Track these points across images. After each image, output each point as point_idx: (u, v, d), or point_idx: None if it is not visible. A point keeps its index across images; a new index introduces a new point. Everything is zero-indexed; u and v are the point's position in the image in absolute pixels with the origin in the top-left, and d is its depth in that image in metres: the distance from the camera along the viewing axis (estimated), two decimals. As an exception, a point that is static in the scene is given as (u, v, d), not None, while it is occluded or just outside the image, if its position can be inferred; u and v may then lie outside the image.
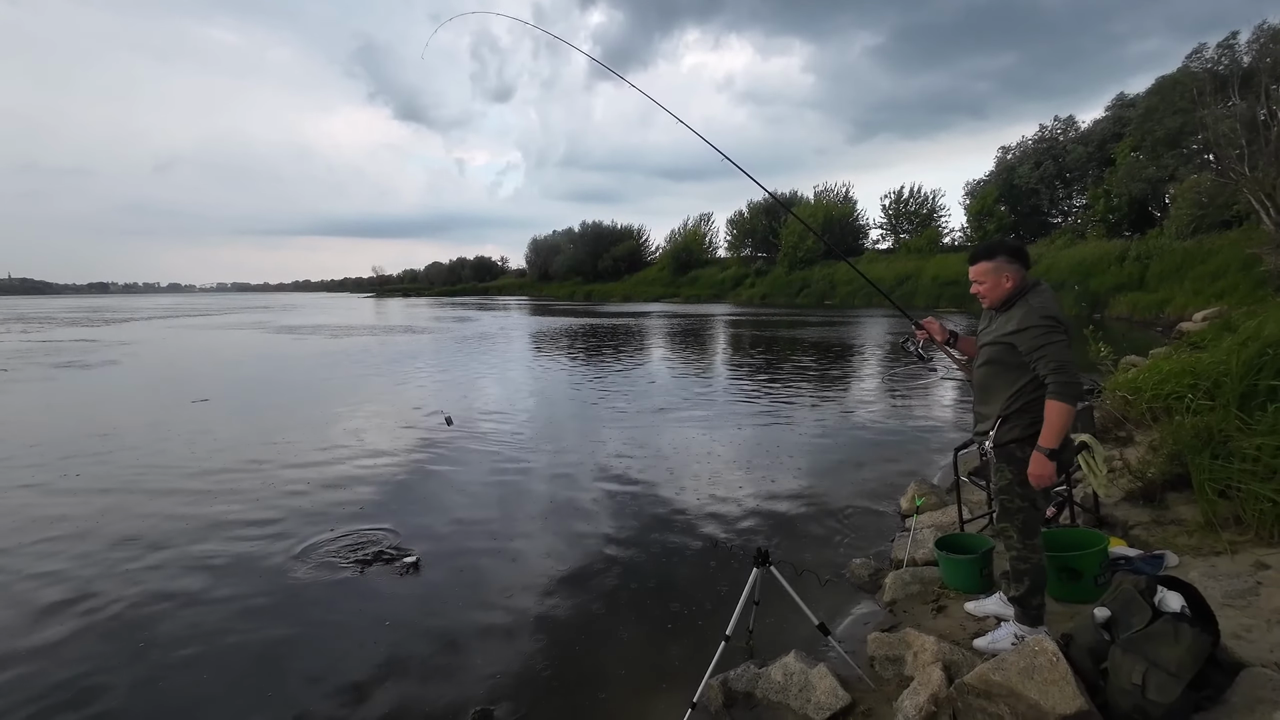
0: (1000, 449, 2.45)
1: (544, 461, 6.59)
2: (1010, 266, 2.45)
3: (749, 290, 48.92)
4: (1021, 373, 2.41)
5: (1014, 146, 38.58)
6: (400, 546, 4.38)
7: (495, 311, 40.49)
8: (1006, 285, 2.46)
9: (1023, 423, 2.42)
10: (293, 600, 3.73)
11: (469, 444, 7.33)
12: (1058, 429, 2.24)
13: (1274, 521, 2.79)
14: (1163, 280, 23.03)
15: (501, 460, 6.63)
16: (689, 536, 4.57)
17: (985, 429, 2.51)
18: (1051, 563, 2.88)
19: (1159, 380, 4.00)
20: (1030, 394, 2.41)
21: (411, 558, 4.16)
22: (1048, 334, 2.31)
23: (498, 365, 14.35)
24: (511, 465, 6.45)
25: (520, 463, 6.53)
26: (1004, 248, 2.50)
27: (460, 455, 6.91)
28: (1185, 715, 1.82)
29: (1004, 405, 2.44)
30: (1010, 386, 2.44)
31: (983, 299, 2.55)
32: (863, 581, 3.67)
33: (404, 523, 4.89)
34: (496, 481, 5.99)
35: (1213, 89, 20.31)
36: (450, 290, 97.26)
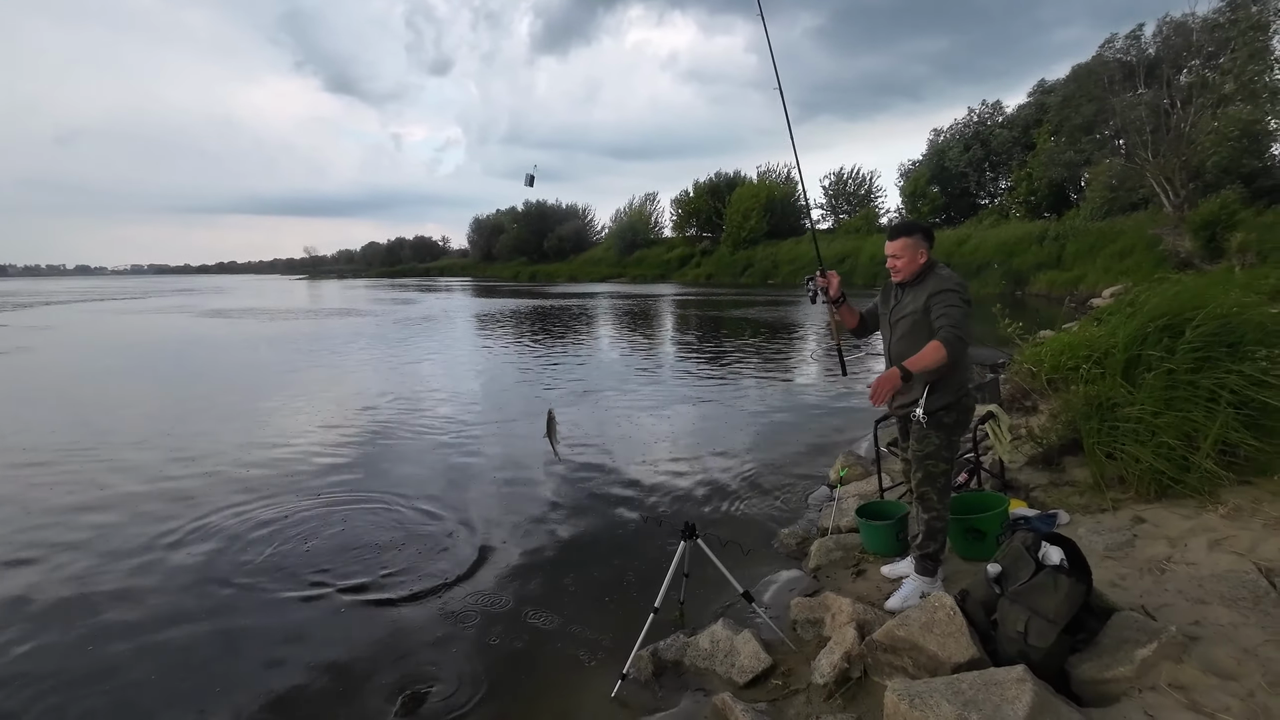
0: (931, 416, 2.60)
1: (488, 441, 6.58)
2: (924, 244, 2.67)
3: (695, 270, 49.30)
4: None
5: (945, 130, 39.99)
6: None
7: (438, 293, 39.45)
8: (920, 260, 2.65)
9: (950, 388, 2.58)
10: (225, 589, 3.64)
11: (414, 424, 7.25)
12: (926, 363, 2.41)
13: (1151, 480, 3.07)
14: (1078, 259, 24.50)
15: (445, 440, 6.59)
16: (629, 512, 4.66)
17: (912, 399, 2.64)
18: (959, 524, 3.09)
19: (1058, 353, 4.30)
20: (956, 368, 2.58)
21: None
22: (958, 298, 2.52)
23: (443, 348, 14.06)
24: (455, 445, 6.42)
25: (464, 443, 6.50)
26: (919, 227, 2.70)
27: (404, 436, 6.83)
28: (1062, 657, 2.00)
29: (927, 374, 2.58)
30: None
31: (897, 273, 2.71)
32: (791, 550, 3.84)
33: (345, 495, 4.86)
34: (438, 462, 5.95)
35: (1122, 78, 21.56)
36: (389, 271, 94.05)
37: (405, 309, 26.16)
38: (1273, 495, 2.84)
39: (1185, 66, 20.47)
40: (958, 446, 2.75)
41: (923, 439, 2.63)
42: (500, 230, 77.70)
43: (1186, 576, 2.42)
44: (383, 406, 8.11)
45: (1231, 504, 2.82)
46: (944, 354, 2.40)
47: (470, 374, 10.72)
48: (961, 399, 2.62)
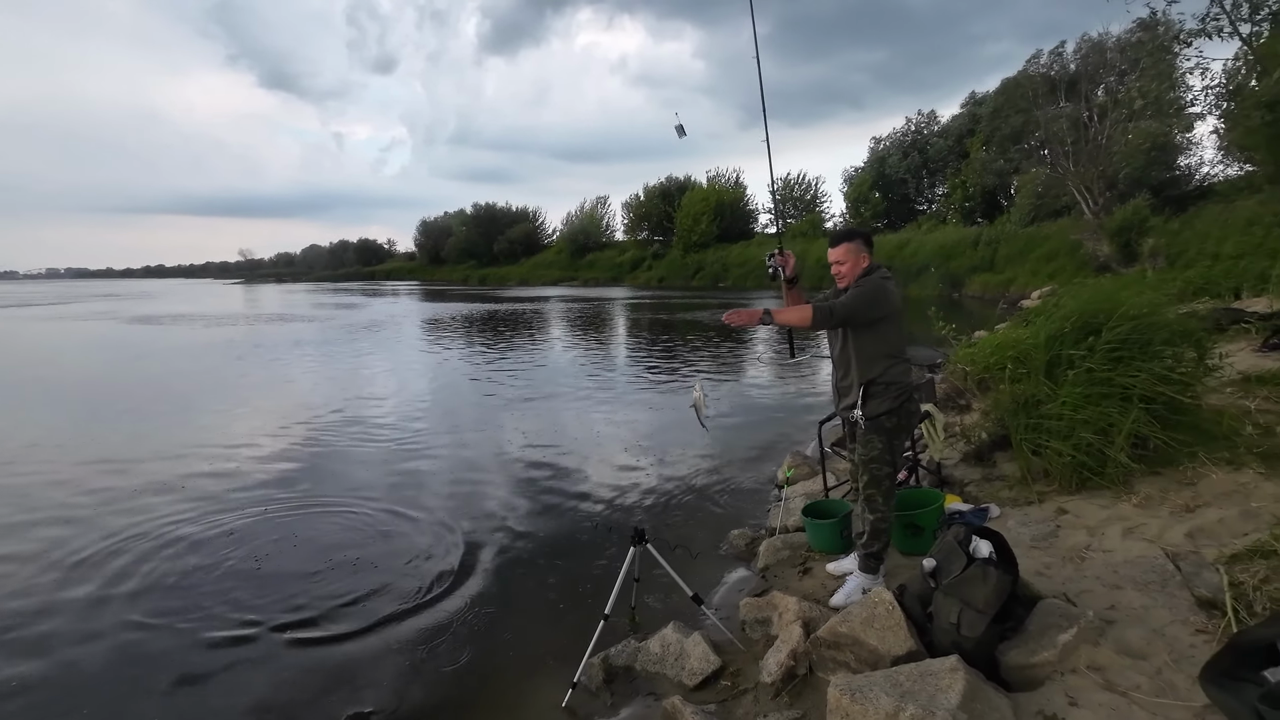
0: (872, 421, 2.67)
1: (441, 448, 6.48)
2: (865, 249, 2.75)
3: (646, 273, 49.53)
4: (871, 346, 2.66)
5: (885, 138, 41.43)
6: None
7: (384, 298, 38.37)
8: (862, 265, 2.75)
9: (890, 394, 2.66)
10: (170, 593, 3.51)
11: (362, 432, 7.07)
12: (787, 317, 2.61)
13: (1072, 473, 3.26)
14: (1009, 262, 25.78)
15: (395, 448, 6.45)
16: (582, 517, 4.64)
17: (851, 401, 2.73)
18: (898, 521, 3.20)
19: (988, 353, 4.51)
20: (884, 365, 2.67)
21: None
22: (864, 295, 2.63)
23: (391, 354, 13.72)
24: (404, 453, 6.29)
25: (414, 450, 6.38)
26: (859, 233, 2.79)
27: (351, 444, 6.66)
28: (992, 645, 2.10)
29: (861, 376, 2.67)
30: (863, 360, 2.68)
31: (841, 278, 2.78)
32: (740, 551, 3.90)
33: (286, 505, 4.68)
34: (388, 470, 5.83)
35: (1046, 92, 22.83)
36: (332, 275, 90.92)
37: (350, 314, 25.31)
38: (1178, 484, 3.06)
39: (1102, 82, 21.85)
40: (901, 449, 2.85)
41: (866, 443, 2.71)
42: (448, 233, 76.18)
43: (1103, 563, 2.58)
44: (327, 415, 7.86)
45: (1143, 494, 3.02)
46: (807, 317, 2.58)
47: (420, 380, 10.49)
48: (903, 404, 2.69)
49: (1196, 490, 2.97)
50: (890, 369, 2.69)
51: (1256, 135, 11.12)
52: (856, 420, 2.67)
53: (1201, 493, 2.95)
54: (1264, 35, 11.02)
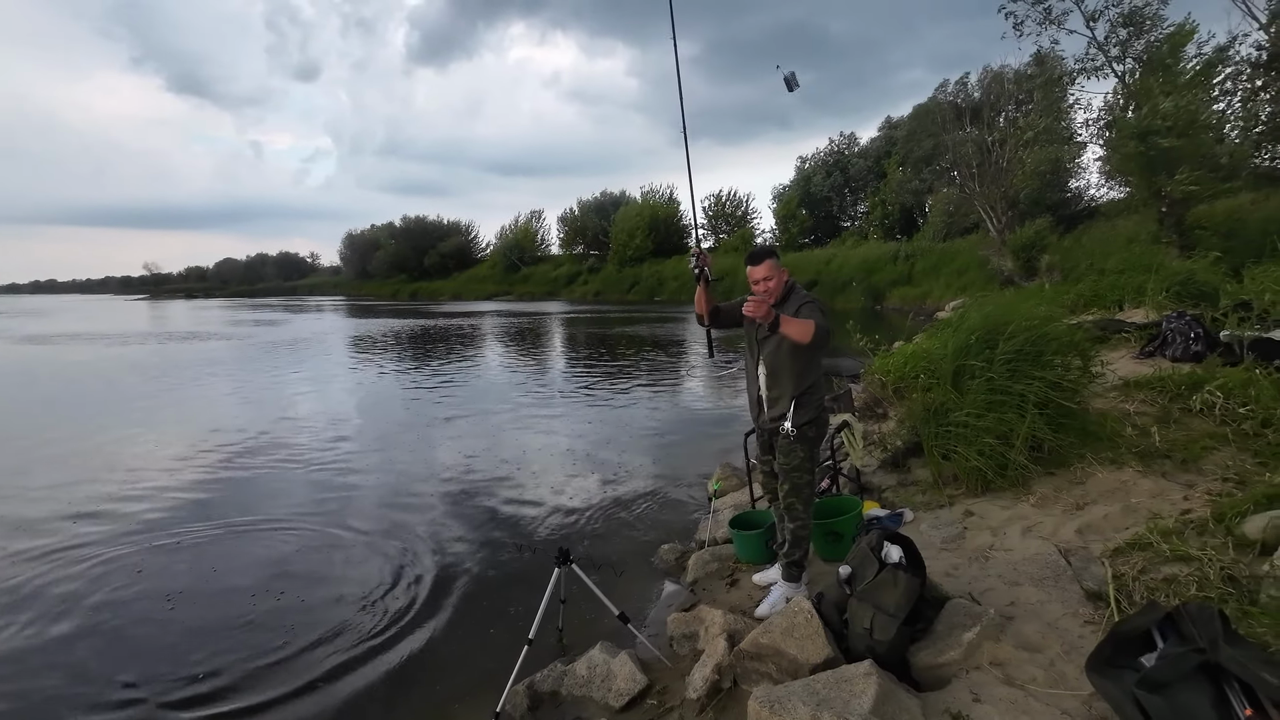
0: (798, 430, 2.73)
1: (369, 470, 6.23)
2: (780, 266, 2.82)
3: (583, 287, 49.45)
4: (806, 360, 2.74)
5: (810, 157, 43.24)
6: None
7: (307, 314, 36.56)
8: (784, 279, 2.82)
9: (813, 404, 2.75)
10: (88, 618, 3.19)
11: (287, 455, 6.72)
12: (795, 329, 2.53)
13: (977, 477, 3.46)
14: (925, 276, 27.32)
15: (322, 471, 6.15)
16: (514, 537, 4.53)
17: (780, 412, 2.78)
18: (819, 528, 3.29)
19: (902, 364, 4.75)
20: (813, 377, 2.77)
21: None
22: (819, 310, 2.69)
23: (317, 373, 13.02)
24: (330, 476, 6.02)
25: (340, 473, 6.12)
26: (774, 251, 2.87)
27: (271, 469, 6.31)
28: (903, 647, 2.18)
29: (794, 389, 2.73)
30: (797, 372, 2.75)
31: (769, 295, 2.80)
32: (671, 565, 3.90)
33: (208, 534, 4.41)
34: (311, 493, 5.58)
35: (954, 117, 24.45)
36: (249, 290, 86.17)
37: (270, 331, 23.95)
38: (1070, 484, 3.29)
39: (1002, 111, 23.60)
40: (819, 458, 2.93)
41: (789, 452, 2.78)
42: (376, 246, 73.72)
43: (1004, 562, 2.74)
44: (246, 438, 7.40)
45: (1040, 494, 3.24)
46: (810, 332, 2.51)
47: (348, 400, 10.02)
48: (821, 413, 2.81)
49: (1085, 489, 3.21)
50: (817, 381, 2.80)
51: (1132, 162, 12.28)
52: (786, 432, 2.72)
53: (1089, 491, 3.18)
54: (1136, 73, 12.25)
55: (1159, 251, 12.26)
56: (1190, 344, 4.67)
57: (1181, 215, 12.48)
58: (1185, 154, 11.83)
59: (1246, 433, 3.31)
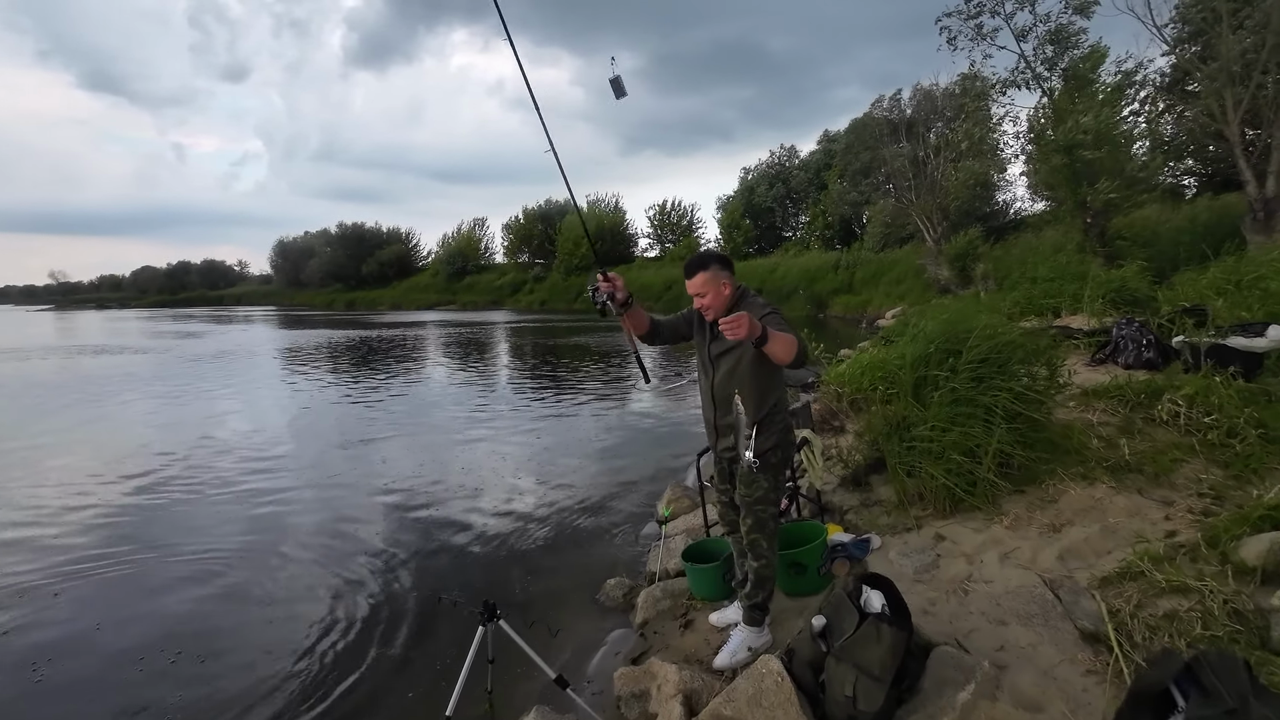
0: (760, 458, 2.36)
1: (292, 501, 5.56)
2: (724, 273, 2.41)
3: (528, 296, 48.62)
4: (765, 379, 2.39)
5: (753, 168, 43.94)
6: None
7: (235, 324, 34.38)
8: (725, 292, 2.40)
9: (777, 427, 2.42)
10: None
11: (202, 480, 6.07)
12: (780, 346, 2.09)
13: (946, 496, 3.22)
14: (865, 285, 28.01)
15: (239, 504, 5.46)
16: (444, 579, 4.02)
17: (740, 439, 2.38)
18: (780, 560, 2.97)
19: (859, 374, 4.53)
20: (776, 395, 2.44)
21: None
22: (782, 319, 2.30)
23: (245, 389, 11.99)
24: (250, 509, 5.33)
25: (260, 502, 5.48)
26: (713, 257, 2.44)
27: (186, 495, 5.67)
28: (889, 714, 1.86)
29: (755, 411, 2.37)
30: (760, 392, 2.39)
31: (707, 310, 2.44)
32: (618, 603, 3.51)
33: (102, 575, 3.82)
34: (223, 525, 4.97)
35: (888, 132, 25.20)
36: (170, 300, 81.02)
37: (193, 344, 22.21)
38: (1042, 502, 3.09)
39: (932, 127, 24.47)
40: (784, 485, 2.61)
41: (751, 483, 2.43)
42: (311, 254, 70.60)
43: (986, 596, 2.48)
44: (159, 464, 6.64)
45: (1012, 514, 3.02)
46: (792, 350, 2.11)
47: (276, 419, 9.19)
48: (786, 435, 2.48)
49: (1059, 508, 3.01)
50: (781, 399, 2.47)
51: (1058, 174, 12.77)
52: (746, 462, 2.35)
53: (1063, 510, 2.98)
54: (1069, 90, 12.77)
55: (1085, 260, 12.79)
56: (1142, 351, 4.65)
57: (1104, 225, 13.04)
58: (1105, 166, 12.38)
59: (1213, 443, 3.21)
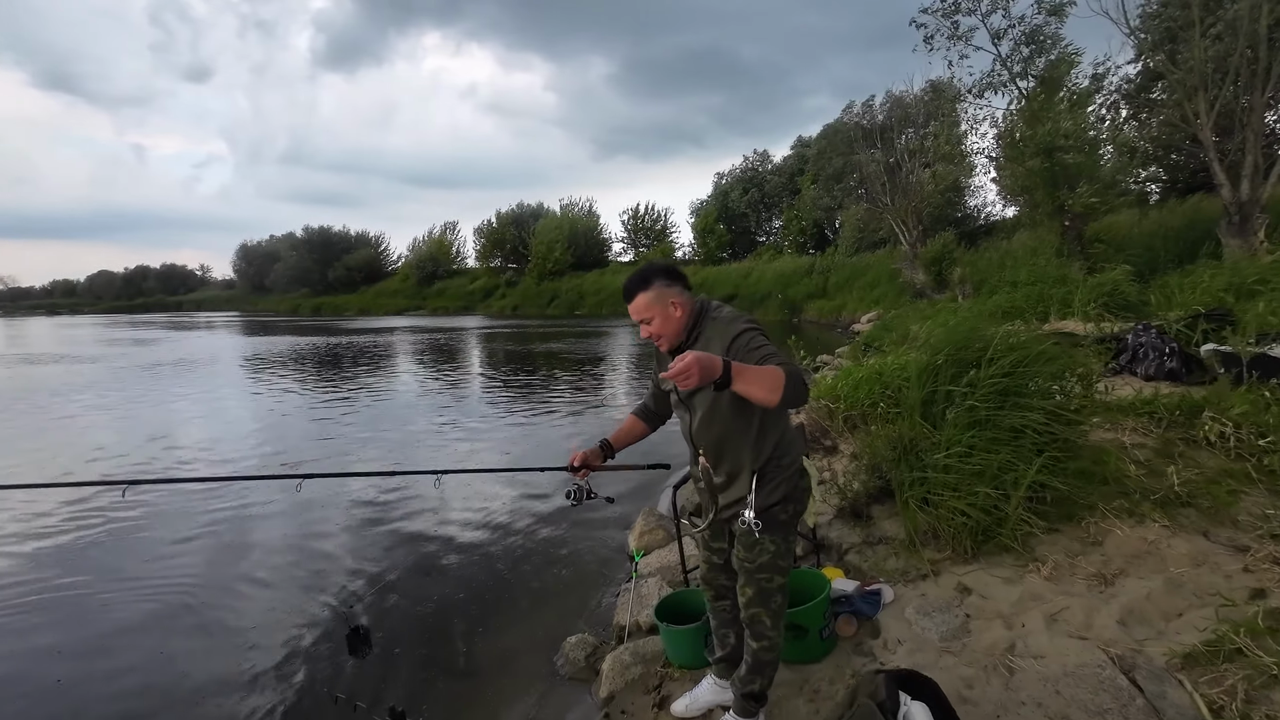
0: (764, 515, 1.83)
1: (235, 525, 4.93)
2: (671, 289, 1.84)
3: (500, 301, 47.74)
4: (755, 415, 1.82)
5: (727, 173, 43.77)
6: None
7: (196, 331, 32.86)
8: (678, 315, 1.83)
9: (784, 475, 1.87)
10: None
11: (145, 498, 5.49)
12: (756, 383, 1.52)
13: (967, 535, 2.72)
14: (839, 289, 27.88)
15: (176, 526, 4.84)
16: (379, 630, 3.40)
17: (738, 495, 1.88)
18: (777, 623, 2.43)
19: (853, 387, 4.04)
20: (779, 432, 1.87)
21: None
22: (762, 335, 1.76)
23: (207, 398, 11.19)
24: (199, 528, 4.72)
25: (212, 523, 4.85)
26: (656, 270, 1.86)
27: (129, 514, 5.13)
28: None
29: (753, 459, 1.84)
30: (750, 435, 1.84)
31: (659, 340, 1.88)
32: (579, 668, 2.92)
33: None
34: (162, 554, 4.29)
35: (862, 137, 25.13)
36: (128, 306, 78.29)
37: (152, 351, 20.95)
38: (1083, 544, 2.61)
39: (903, 133, 24.47)
40: (795, 545, 2.04)
41: (753, 546, 1.88)
42: (275, 258, 68.60)
43: (1038, 677, 1.97)
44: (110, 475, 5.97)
45: (1050, 560, 2.52)
46: (778, 385, 1.53)
47: (231, 432, 8.47)
48: (797, 484, 1.90)
49: (1105, 553, 2.53)
50: (784, 438, 1.89)
51: (1035, 176, 12.59)
52: (747, 524, 1.82)
53: (1111, 555, 2.50)
54: (1040, 94, 12.62)
55: (1064, 264, 12.62)
56: (1165, 360, 4.25)
57: (1082, 230, 12.90)
58: (1084, 170, 12.24)
59: (1273, 470, 2.77)
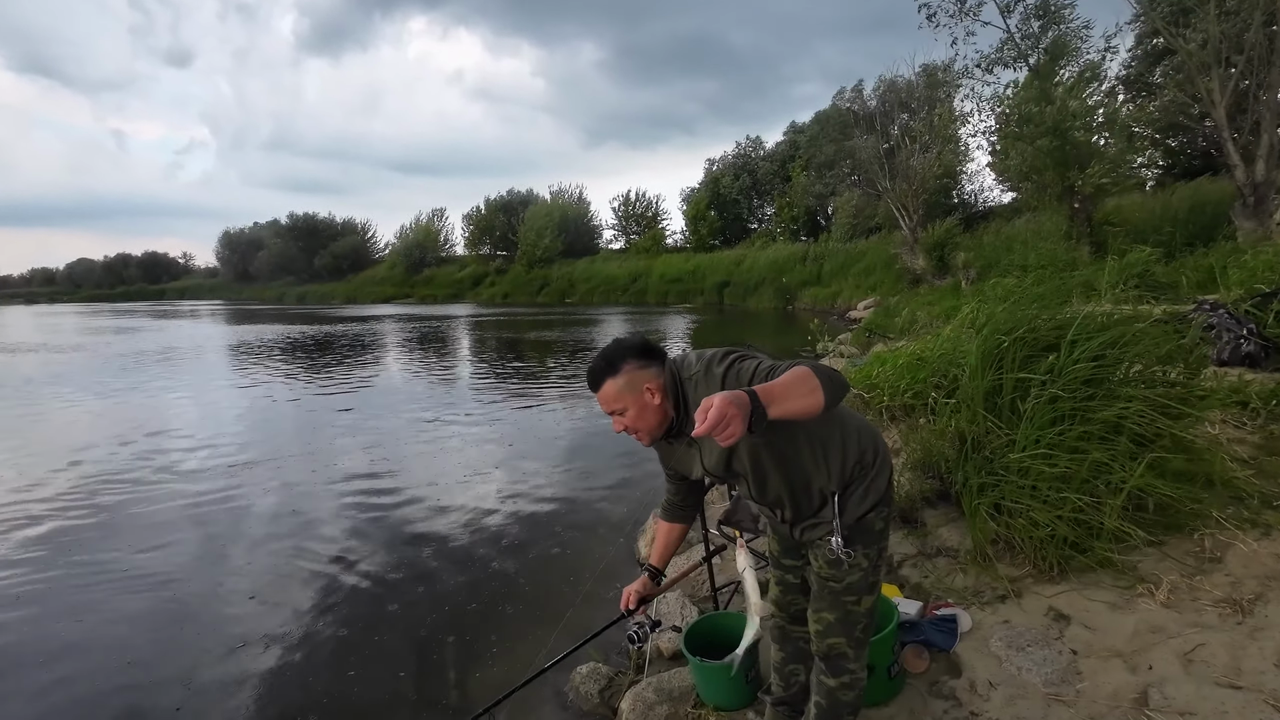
0: (856, 527, 1.47)
1: (208, 520, 4.54)
2: (646, 372, 1.47)
3: (490, 289, 46.99)
4: (811, 432, 1.44)
5: (718, 160, 43.12)
6: None
7: (179, 319, 32.03)
8: (656, 403, 1.46)
9: (869, 477, 1.49)
10: None
11: (151, 482, 5.38)
12: (784, 385, 1.18)
13: (1051, 549, 2.30)
14: (834, 276, 27.52)
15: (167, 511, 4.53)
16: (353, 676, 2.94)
17: (819, 520, 1.51)
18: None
19: (894, 375, 3.61)
20: (841, 434, 1.48)
21: None
22: (749, 358, 1.40)
23: (193, 387, 10.73)
24: (175, 516, 4.22)
25: (194, 515, 4.22)
26: (623, 351, 1.48)
27: (136, 499, 4.98)
28: None
29: (835, 481, 1.46)
30: (819, 457, 1.46)
31: (636, 434, 1.50)
32: (593, 705, 2.49)
33: None
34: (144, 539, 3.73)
35: (854, 123, 24.63)
36: (109, 295, 76.82)
37: (134, 340, 20.21)
38: (1196, 560, 2.20)
39: (896, 119, 24.00)
40: (885, 562, 1.63)
41: (839, 562, 1.49)
42: (260, 245, 67.23)
43: (1194, 743, 1.55)
44: (93, 464, 5.81)
45: (1165, 583, 2.11)
46: (816, 380, 1.21)
47: (216, 422, 8.04)
48: (885, 478, 1.52)
49: (1229, 571, 2.12)
50: (850, 435, 1.49)
51: (1045, 156, 12.19)
52: (835, 549, 1.45)
53: (1238, 575, 2.09)
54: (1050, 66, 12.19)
55: (1073, 248, 12.26)
56: (1241, 343, 3.85)
57: (1091, 212, 12.55)
58: (1094, 149, 11.87)
59: None
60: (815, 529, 1.53)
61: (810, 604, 1.63)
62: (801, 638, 1.81)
